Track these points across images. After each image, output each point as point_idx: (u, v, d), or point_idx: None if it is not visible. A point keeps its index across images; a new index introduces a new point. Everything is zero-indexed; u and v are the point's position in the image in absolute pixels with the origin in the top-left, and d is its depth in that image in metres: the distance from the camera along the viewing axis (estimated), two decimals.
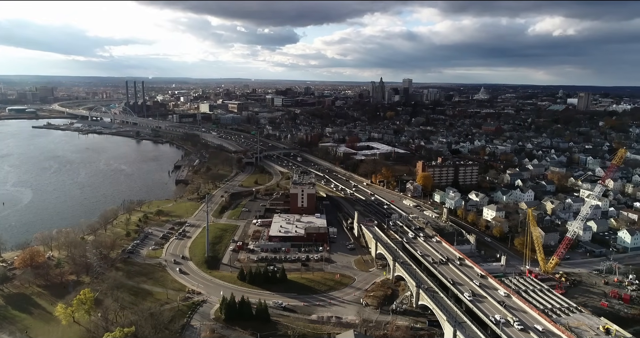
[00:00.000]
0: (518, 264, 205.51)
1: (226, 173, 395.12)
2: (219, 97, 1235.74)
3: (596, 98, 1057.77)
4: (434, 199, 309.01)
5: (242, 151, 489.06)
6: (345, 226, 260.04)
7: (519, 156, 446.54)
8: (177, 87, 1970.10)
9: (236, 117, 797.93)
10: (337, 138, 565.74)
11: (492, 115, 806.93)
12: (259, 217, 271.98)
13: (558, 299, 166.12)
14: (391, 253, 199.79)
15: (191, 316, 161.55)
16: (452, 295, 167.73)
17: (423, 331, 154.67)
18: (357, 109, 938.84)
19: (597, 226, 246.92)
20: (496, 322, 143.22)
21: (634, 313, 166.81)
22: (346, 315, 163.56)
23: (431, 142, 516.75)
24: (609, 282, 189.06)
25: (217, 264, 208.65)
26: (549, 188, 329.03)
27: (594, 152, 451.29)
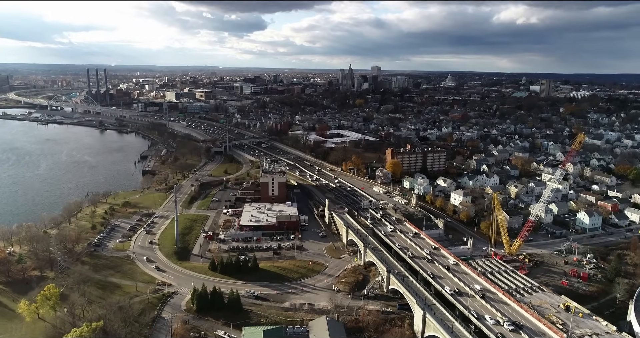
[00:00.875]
0: (484, 247, 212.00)
1: (195, 163, 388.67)
2: (185, 85, 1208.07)
3: (557, 85, 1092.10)
4: (403, 185, 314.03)
5: (210, 140, 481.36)
6: (317, 214, 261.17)
7: (484, 142, 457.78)
8: (141, 75, 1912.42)
9: (204, 106, 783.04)
10: (307, 126, 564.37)
11: (459, 102, 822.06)
12: (229, 206, 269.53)
13: (522, 279, 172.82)
14: (362, 239, 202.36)
15: (162, 308, 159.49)
16: (422, 278, 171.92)
17: (394, 314, 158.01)
18: (326, 96, 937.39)
19: (557, 208, 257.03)
20: (456, 295, 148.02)
21: (592, 291, 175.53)
22: (318, 301, 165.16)
23: (400, 129, 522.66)
24: (568, 262, 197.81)
25: (187, 255, 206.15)
26: (513, 173, 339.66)
27: (555, 138, 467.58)
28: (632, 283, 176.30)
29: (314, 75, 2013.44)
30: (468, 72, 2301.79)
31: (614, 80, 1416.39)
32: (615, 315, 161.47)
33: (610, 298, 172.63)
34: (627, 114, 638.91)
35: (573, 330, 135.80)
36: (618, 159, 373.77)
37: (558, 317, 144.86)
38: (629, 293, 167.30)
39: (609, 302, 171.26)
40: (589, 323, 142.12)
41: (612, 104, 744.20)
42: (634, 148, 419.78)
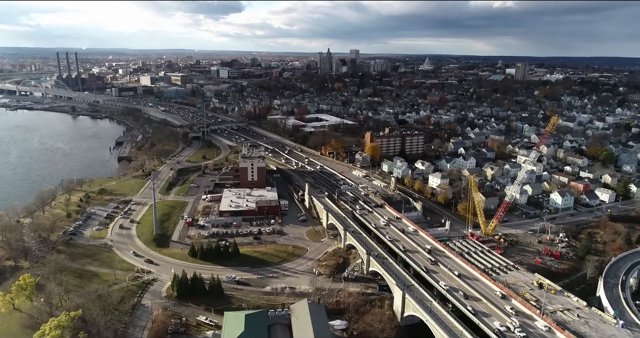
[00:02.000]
0: (461, 228, 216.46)
1: (172, 148, 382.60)
2: (160, 69, 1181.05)
3: (532, 68, 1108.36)
4: (382, 169, 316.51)
5: (187, 125, 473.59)
6: (297, 198, 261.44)
7: (461, 125, 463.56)
8: (114, 58, 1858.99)
9: (180, 90, 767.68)
10: (285, 110, 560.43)
11: (437, 85, 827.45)
12: (208, 192, 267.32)
13: (497, 259, 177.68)
14: (342, 223, 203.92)
15: (142, 295, 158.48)
16: (401, 260, 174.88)
17: (374, 296, 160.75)
18: (305, 80, 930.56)
19: (532, 190, 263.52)
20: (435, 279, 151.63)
21: (564, 268, 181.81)
22: (300, 285, 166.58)
23: (379, 113, 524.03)
24: (542, 241, 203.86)
25: (166, 242, 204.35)
26: (489, 155, 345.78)
27: (529, 120, 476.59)
28: (602, 260, 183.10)
29: (292, 58, 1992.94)
30: (446, 55, 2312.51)
31: (586, 63, 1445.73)
32: (586, 291, 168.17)
33: (581, 275, 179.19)
34: (599, 96, 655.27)
35: (546, 306, 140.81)
36: (589, 140, 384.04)
37: (532, 294, 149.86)
38: (598, 269, 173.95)
39: (580, 278, 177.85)
40: (561, 300, 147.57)
41: (584, 86, 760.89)
42: (604, 130, 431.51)
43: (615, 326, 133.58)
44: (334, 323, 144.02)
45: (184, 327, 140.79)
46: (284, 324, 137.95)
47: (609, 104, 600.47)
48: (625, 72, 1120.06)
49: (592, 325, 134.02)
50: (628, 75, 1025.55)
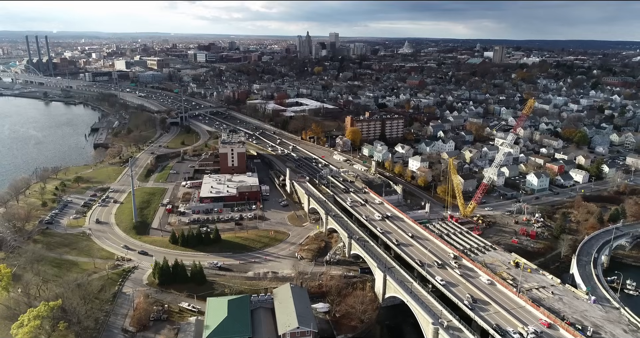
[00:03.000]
0: (441, 210, 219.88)
1: (150, 134, 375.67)
2: (135, 53, 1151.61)
3: (509, 51, 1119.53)
4: (363, 153, 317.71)
5: (165, 111, 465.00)
6: (278, 183, 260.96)
7: (440, 108, 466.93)
8: (87, 42, 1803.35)
9: (157, 75, 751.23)
10: (265, 95, 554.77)
11: (416, 69, 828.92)
12: (188, 178, 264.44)
13: (476, 240, 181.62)
14: (323, 207, 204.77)
15: (122, 283, 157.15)
16: (382, 242, 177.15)
17: (356, 278, 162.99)
18: (284, 64, 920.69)
19: (509, 171, 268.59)
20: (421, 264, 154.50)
21: (539, 247, 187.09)
22: (282, 269, 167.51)
23: (359, 97, 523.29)
24: (518, 221, 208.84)
25: (146, 229, 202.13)
26: (467, 138, 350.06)
27: (507, 103, 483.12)
28: (575, 239, 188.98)
29: (271, 42, 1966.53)
30: (425, 38, 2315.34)
31: (562, 47, 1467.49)
32: (560, 269, 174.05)
33: (556, 253, 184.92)
34: (573, 79, 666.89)
35: (522, 284, 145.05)
36: (564, 122, 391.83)
37: (509, 273, 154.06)
38: (572, 248, 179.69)
39: (555, 257, 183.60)
40: (536, 278, 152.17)
41: (560, 69, 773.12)
42: (579, 112, 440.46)
43: (588, 302, 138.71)
44: (317, 306, 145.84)
45: (166, 313, 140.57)
46: (267, 308, 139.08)
47: (583, 86, 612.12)
48: (599, 55, 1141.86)
49: (566, 301, 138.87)
50: (601, 58, 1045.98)
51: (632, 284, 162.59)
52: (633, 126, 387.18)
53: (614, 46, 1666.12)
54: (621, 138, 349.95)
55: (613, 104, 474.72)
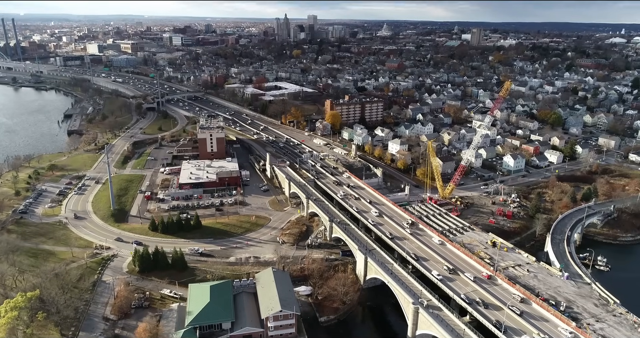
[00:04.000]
0: (420, 192, 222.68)
1: (125, 120, 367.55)
2: (108, 37, 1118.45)
3: (487, 34, 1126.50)
4: (343, 136, 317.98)
5: (141, 96, 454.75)
6: (258, 168, 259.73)
7: (419, 91, 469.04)
8: (57, 25, 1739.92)
9: (131, 59, 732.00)
10: (243, 79, 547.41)
11: (395, 51, 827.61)
12: (166, 165, 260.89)
13: (454, 220, 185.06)
14: (304, 191, 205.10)
15: (102, 272, 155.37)
16: (363, 225, 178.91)
17: (337, 261, 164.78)
18: (262, 47, 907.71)
19: (486, 153, 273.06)
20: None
21: (515, 227, 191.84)
22: (264, 254, 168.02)
23: (338, 80, 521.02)
24: (495, 202, 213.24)
25: (125, 217, 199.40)
26: (446, 120, 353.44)
27: (484, 85, 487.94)
28: (550, 218, 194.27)
29: (248, 24, 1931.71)
30: (403, 21, 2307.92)
31: (537, 29, 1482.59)
32: (535, 247, 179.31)
33: (531, 232, 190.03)
34: (549, 61, 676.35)
35: (499, 263, 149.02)
36: (540, 104, 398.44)
37: (486, 252, 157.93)
38: (546, 227, 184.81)
39: (530, 236, 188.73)
40: (512, 256, 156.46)
41: (535, 51, 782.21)
42: (554, 94, 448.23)
43: (561, 278, 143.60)
44: (299, 289, 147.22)
45: (147, 301, 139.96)
46: (249, 293, 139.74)
47: (558, 68, 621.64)
48: (573, 37, 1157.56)
49: (540, 278, 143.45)
50: (576, 40, 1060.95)
51: (603, 260, 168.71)
52: (605, 107, 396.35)
53: (587, 28, 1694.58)
54: (594, 119, 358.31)
55: (586, 86, 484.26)
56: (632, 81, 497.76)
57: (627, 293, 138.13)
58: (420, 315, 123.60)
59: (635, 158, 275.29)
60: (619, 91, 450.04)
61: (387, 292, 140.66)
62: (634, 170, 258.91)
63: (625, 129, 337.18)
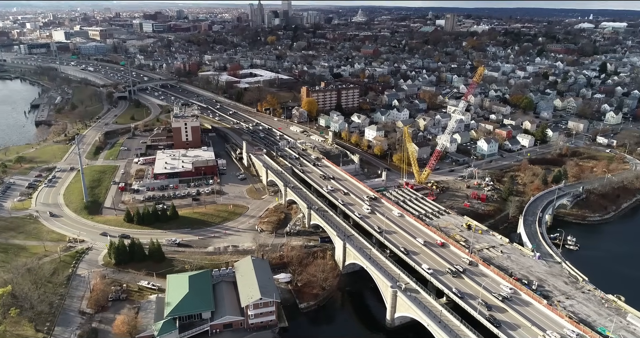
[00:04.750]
0: (397, 178, 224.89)
1: (96, 110, 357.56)
2: (75, 23, 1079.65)
3: (460, 19, 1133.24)
4: (320, 123, 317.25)
5: (112, 84, 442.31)
6: (235, 157, 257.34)
7: (395, 77, 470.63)
8: (19, 11, 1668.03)
9: (100, 46, 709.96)
10: (217, 66, 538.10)
11: (370, 38, 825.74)
12: (140, 155, 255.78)
13: (430, 205, 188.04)
14: (282, 179, 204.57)
15: (77, 265, 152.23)
16: (341, 212, 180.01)
17: (316, 248, 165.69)
18: (236, 34, 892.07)
19: (461, 138, 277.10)
20: (380, 231, 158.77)
21: (489, 210, 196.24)
22: (242, 242, 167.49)
23: (314, 67, 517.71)
24: (470, 186, 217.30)
25: (98, 209, 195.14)
26: (421, 106, 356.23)
27: (458, 71, 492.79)
28: (522, 200, 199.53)
29: (221, 10, 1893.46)
30: (378, 6, 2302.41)
31: (510, 14, 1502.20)
32: (508, 229, 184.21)
33: (504, 215, 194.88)
34: (520, 46, 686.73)
35: (474, 245, 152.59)
36: (512, 89, 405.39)
37: (461, 235, 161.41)
38: (519, 209, 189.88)
39: (503, 218, 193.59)
40: (487, 238, 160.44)
41: (507, 37, 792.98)
42: (525, 79, 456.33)
43: (533, 258, 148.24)
44: (279, 277, 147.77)
45: (125, 293, 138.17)
46: (229, 282, 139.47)
47: (529, 53, 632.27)
48: (544, 22, 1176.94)
49: (514, 258, 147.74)
50: (546, 25, 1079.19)
51: (572, 240, 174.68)
52: (574, 91, 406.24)
53: (558, 13, 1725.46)
54: (564, 103, 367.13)
55: (556, 71, 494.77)
56: (599, 66, 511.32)
57: (594, 271, 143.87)
58: (399, 298, 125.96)
59: (602, 140, 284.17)
60: (587, 75, 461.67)
61: (366, 277, 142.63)
62: (601, 152, 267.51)
63: (593, 112, 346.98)
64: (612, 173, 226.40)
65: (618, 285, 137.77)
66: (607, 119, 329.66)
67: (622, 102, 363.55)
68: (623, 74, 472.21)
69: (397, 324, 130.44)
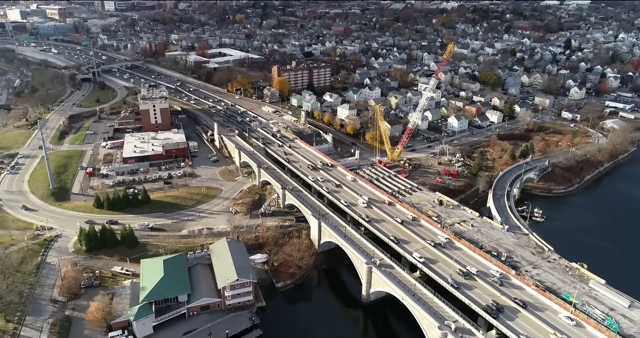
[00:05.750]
0: (370, 156, 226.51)
1: (59, 93, 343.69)
2: (31, 2, 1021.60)
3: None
4: (292, 103, 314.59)
5: (74, 66, 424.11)
6: (206, 139, 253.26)
7: (366, 55, 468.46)
8: None
9: (60, 26, 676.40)
10: (185, 46, 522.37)
11: (340, 15, 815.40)
12: (108, 138, 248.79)
13: (403, 182, 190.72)
14: (255, 160, 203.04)
15: (46, 253, 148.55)
16: (315, 191, 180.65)
17: (292, 227, 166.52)
18: (203, 12, 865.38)
19: (432, 115, 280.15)
20: (347, 205, 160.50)
21: (460, 185, 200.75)
22: (217, 225, 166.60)
23: (284, 46, 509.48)
24: (441, 162, 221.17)
25: (66, 195, 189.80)
26: (393, 84, 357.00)
27: (428, 48, 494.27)
28: (491, 175, 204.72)
29: None
30: None
31: None
32: (478, 203, 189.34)
33: (475, 189, 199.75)
34: (489, 23, 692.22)
35: (445, 220, 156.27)
36: (481, 66, 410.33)
37: (433, 210, 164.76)
38: (488, 184, 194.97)
39: (474, 193, 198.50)
40: (458, 213, 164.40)
41: (476, 14, 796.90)
42: (494, 56, 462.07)
43: (502, 231, 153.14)
44: (255, 258, 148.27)
45: (98, 279, 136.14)
46: (204, 264, 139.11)
47: (497, 30, 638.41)
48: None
49: (484, 232, 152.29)
50: (514, 2, 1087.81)
51: (539, 212, 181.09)
52: (541, 68, 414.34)
53: None
54: (530, 79, 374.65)
55: (523, 47, 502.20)
56: (564, 42, 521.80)
57: (559, 241, 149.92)
58: (374, 274, 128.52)
59: (567, 115, 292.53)
60: (553, 52, 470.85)
61: (342, 254, 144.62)
62: (566, 126, 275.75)
63: (558, 88, 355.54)
64: (576, 147, 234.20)
65: (581, 253, 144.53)
66: (571, 94, 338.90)
67: (586, 77, 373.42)
68: (587, 49, 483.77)
69: (372, 299, 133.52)
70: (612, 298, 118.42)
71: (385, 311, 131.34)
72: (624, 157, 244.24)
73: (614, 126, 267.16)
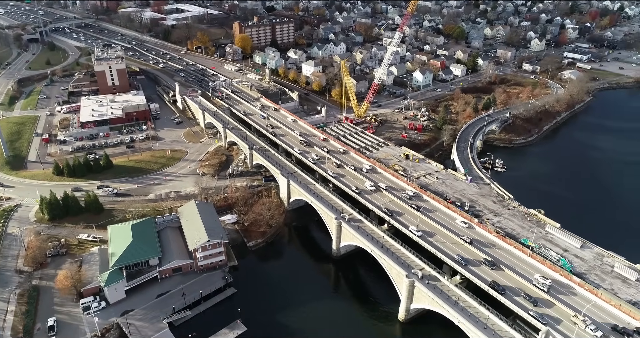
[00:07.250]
0: (336, 113, 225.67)
1: (4, 55, 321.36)
2: None
3: None
4: (255, 61, 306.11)
5: (19, 26, 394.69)
6: (168, 100, 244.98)
7: (330, 10, 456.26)
8: None
9: None
10: (140, 2, 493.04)
11: None
12: (62, 103, 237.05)
13: (370, 138, 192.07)
14: (220, 121, 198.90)
15: (6, 224, 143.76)
16: (283, 150, 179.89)
17: (260, 187, 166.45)
18: None
19: (397, 70, 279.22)
20: (314, 161, 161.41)
21: (425, 139, 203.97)
22: (184, 187, 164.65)
23: (245, 0, 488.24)
24: (407, 117, 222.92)
25: (22, 163, 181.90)
26: (357, 39, 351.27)
27: (393, 2, 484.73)
28: (455, 128, 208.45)
29: None
30: None
31: None
32: (443, 156, 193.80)
33: (439, 143, 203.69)
34: None
35: (411, 173, 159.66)
36: (445, 19, 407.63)
37: (400, 165, 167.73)
38: (452, 137, 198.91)
39: (438, 146, 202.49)
40: (424, 166, 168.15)
41: None
42: (457, 8, 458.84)
43: (465, 182, 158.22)
44: (225, 218, 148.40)
45: (64, 248, 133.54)
46: (174, 227, 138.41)
47: None
48: None
49: (448, 183, 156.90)
50: None
51: (500, 162, 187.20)
52: (503, 20, 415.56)
53: None
54: (493, 32, 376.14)
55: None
56: None
57: (519, 190, 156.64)
58: (343, 228, 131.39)
59: (527, 67, 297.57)
60: (515, 3, 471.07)
61: (312, 211, 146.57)
62: (527, 78, 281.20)
63: (520, 40, 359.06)
64: (535, 98, 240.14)
65: (539, 200, 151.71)
66: (532, 46, 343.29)
67: (546, 29, 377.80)
68: (547, 1, 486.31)
69: (342, 253, 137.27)
70: (566, 240, 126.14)
71: (355, 264, 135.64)
72: (580, 107, 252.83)
73: (571, 77, 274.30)
